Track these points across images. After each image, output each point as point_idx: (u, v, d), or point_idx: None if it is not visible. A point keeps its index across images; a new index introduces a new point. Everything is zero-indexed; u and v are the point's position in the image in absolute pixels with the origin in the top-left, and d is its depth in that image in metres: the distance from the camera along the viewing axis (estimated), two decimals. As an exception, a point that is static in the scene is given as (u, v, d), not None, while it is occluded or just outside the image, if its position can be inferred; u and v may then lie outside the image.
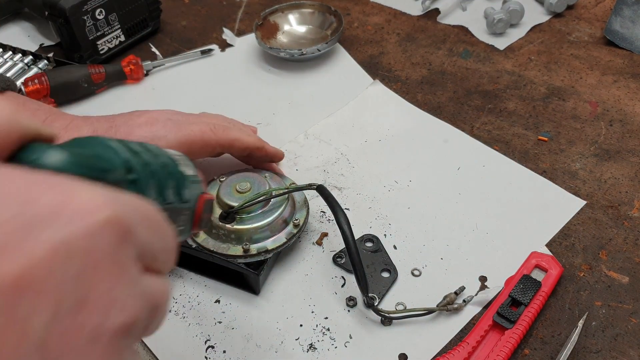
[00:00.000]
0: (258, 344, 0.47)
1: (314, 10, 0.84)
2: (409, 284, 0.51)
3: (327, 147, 0.66)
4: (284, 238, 0.50)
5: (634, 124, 0.67)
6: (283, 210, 0.51)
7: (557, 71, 0.76)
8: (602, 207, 0.57)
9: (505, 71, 0.76)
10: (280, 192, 0.51)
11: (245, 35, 0.85)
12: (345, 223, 0.48)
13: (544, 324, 0.48)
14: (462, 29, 0.84)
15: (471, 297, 0.49)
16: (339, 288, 0.51)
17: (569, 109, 0.69)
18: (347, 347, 0.47)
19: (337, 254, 0.54)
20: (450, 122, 0.68)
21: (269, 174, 0.54)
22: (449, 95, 0.73)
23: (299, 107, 0.72)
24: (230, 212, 0.50)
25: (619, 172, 0.61)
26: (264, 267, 0.49)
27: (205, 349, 0.47)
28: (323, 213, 0.58)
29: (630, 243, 0.54)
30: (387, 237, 0.55)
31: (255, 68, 0.79)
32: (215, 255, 0.49)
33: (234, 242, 0.49)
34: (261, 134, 0.68)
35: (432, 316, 0.48)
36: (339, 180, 0.61)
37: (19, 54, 0.78)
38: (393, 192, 0.60)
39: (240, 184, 0.52)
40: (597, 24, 0.84)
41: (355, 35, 0.84)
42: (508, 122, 0.68)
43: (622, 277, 0.51)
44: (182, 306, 0.50)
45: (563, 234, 0.55)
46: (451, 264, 0.53)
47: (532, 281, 0.48)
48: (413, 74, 0.76)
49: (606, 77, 0.74)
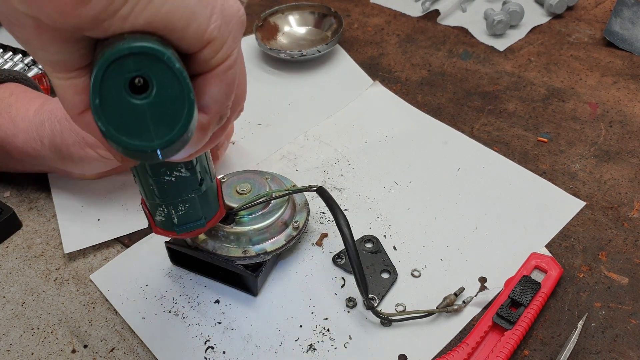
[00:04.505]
0: (258, 345, 0.47)
1: (314, 12, 0.84)
2: (408, 285, 0.51)
3: (327, 148, 0.66)
4: (283, 240, 0.50)
5: (634, 125, 0.67)
6: (283, 212, 0.51)
7: (557, 72, 0.76)
8: (602, 208, 0.57)
9: (505, 72, 0.76)
10: (281, 193, 0.51)
11: (245, 36, 0.85)
12: (345, 225, 0.48)
13: (544, 325, 0.48)
14: (462, 30, 0.85)
15: (471, 298, 0.49)
16: (339, 289, 0.51)
17: (568, 110, 0.69)
18: (347, 348, 0.47)
19: (336, 255, 0.54)
20: (450, 123, 0.68)
21: (269, 175, 0.54)
22: (448, 96, 0.73)
23: (298, 108, 0.72)
24: (230, 213, 0.50)
25: (619, 173, 0.61)
26: (263, 269, 0.49)
27: (205, 349, 0.47)
28: (323, 214, 0.58)
29: (630, 244, 0.54)
30: (386, 238, 0.55)
31: (255, 69, 0.79)
32: (214, 256, 0.49)
33: (234, 243, 0.49)
34: (261, 134, 0.68)
35: (431, 317, 0.48)
36: (338, 181, 0.61)
37: (19, 54, 0.78)
38: (393, 193, 0.60)
39: (241, 185, 0.52)
40: (596, 25, 0.84)
41: (355, 37, 0.84)
42: (508, 123, 0.68)
43: (622, 278, 0.51)
44: (181, 307, 0.50)
45: (563, 235, 0.55)
46: (451, 264, 0.53)
47: (532, 282, 0.48)
48: (413, 75, 0.76)
49: (606, 78, 0.74)
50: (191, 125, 0.26)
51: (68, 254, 0.55)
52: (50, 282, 0.53)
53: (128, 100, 0.25)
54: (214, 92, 0.29)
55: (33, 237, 0.58)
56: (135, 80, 0.25)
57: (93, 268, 0.54)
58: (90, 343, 0.48)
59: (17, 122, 0.56)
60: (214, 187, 0.44)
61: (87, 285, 0.53)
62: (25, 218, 0.59)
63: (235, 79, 0.30)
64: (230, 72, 0.29)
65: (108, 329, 0.49)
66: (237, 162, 0.63)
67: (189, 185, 0.40)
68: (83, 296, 0.52)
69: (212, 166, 0.43)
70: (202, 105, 0.29)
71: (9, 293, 0.53)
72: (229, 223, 0.50)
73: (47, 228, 0.58)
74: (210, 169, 0.43)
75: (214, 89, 0.29)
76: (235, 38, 0.28)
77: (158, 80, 0.25)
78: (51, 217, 0.59)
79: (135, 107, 0.25)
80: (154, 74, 0.25)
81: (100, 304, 0.51)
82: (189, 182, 0.40)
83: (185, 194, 0.41)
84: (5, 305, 0.52)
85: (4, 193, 0.62)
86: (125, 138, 0.25)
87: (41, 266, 0.55)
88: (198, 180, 0.41)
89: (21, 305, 0.52)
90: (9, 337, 0.49)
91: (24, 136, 0.56)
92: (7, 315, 0.51)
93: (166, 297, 0.51)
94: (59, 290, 0.53)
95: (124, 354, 0.47)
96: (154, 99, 0.25)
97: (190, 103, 0.26)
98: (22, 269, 0.55)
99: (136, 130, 0.25)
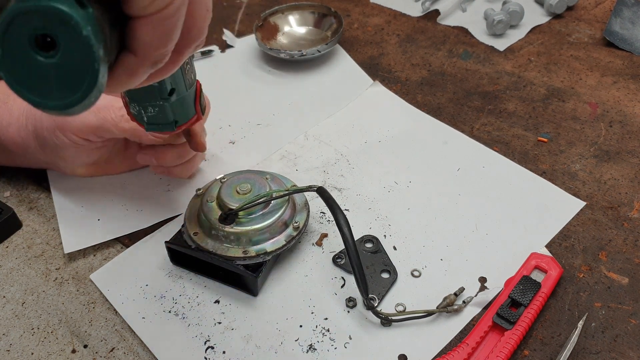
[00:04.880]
0: (258, 345, 0.47)
1: (314, 12, 0.84)
2: (408, 285, 0.51)
3: (327, 148, 0.66)
4: (283, 240, 0.50)
5: (634, 125, 0.67)
6: (283, 213, 0.51)
7: (557, 72, 0.76)
8: (602, 208, 0.57)
9: (505, 72, 0.76)
10: (281, 193, 0.51)
11: (245, 36, 0.85)
12: (345, 225, 0.48)
13: (544, 325, 0.48)
14: (462, 30, 0.85)
15: (471, 298, 0.49)
16: (339, 289, 0.51)
17: (568, 110, 0.69)
18: (347, 348, 0.47)
19: (336, 255, 0.54)
20: (450, 123, 0.68)
21: (270, 175, 0.54)
22: (448, 96, 0.73)
23: (298, 108, 0.72)
24: (230, 213, 0.50)
25: (619, 173, 0.61)
26: (263, 269, 0.49)
27: (205, 349, 0.47)
28: (323, 214, 0.58)
29: (630, 244, 0.54)
30: (386, 237, 0.55)
31: (255, 69, 0.79)
32: (215, 256, 0.49)
33: (233, 243, 0.49)
34: (261, 134, 0.68)
35: (431, 317, 0.48)
36: (338, 181, 0.61)
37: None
38: (393, 193, 0.60)
39: (241, 185, 0.52)
40: (596, 25, 0.84)
41: (355, 37, 0.84)
42: (508, 123, 0.68)
43: (622, 278, 0.51)
44: (181, 307, 0.50)
45: (563, 235, 0.55)
46: (451, 264, 0.53)
47: (532, 282, 0.48)
48: (413, 75, 0.76)
49: (606, 78, 0.74)
50: (93, 93, 0.25)
51: (68, 254, 0.55)
52: (50, 282, 0.53)
53: (32, 56, 0.24)
54: (145, 38, 0.28)
55: (33, 237, 0.58)
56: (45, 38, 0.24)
57: (93, 268, 0.54)
58: (90, 343, 0.48)
59: (13, 111, 0.56)
60: (189, 95, 0.44)
61: (87, 285, 0.53)
62: (25, 218, 0.59)
63: (174, 29, 0.29)
64: (167, 22, 0.28)
65: (108, 329, 0.49)
66: (237, 162, 0.63)
67: (157, 93, 0.41)
68: (83, 296, 0.52)
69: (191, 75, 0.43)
70: (131, 47, 0.28)
71: (9, 293, 0.53)
72: (229, 223, 0.50)
73: (47, 228, 0.58)
74: (186, 79, 0.42)
75: (145, 35, 0.28)
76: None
77: (65, 42, 0.24)
78: (51, 217, 0.59)
79: (39, 64, 0.24)
80: (61, 35, 0.24)
81: (100, 304, 0.51)
82: (156, 90, 0.41)
83: (153, 100, 0.41)
84: (5, 305, 0.52)
85: (4, 193, 0.62)
86: (25, 92, 0.25)
87: (41, 266, 0.55)
88: (167, 90, 0.41)
89: (21, 305, 0.52)
90: (9, 337, 0.49)
91: (16, 124, 0.56)
92: (7, 315, 0.51)
93: (166, 297, 0.51)
94: (59, 290, 0.53)
95: (124, 354, 0.47)
96: (58, 60, 0.24)
97: (94, 73, 0.25)
98: (22, 269, 0.55)
99: (37, 86, 0.25)
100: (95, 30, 0.24)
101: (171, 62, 0.32)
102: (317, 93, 0.74)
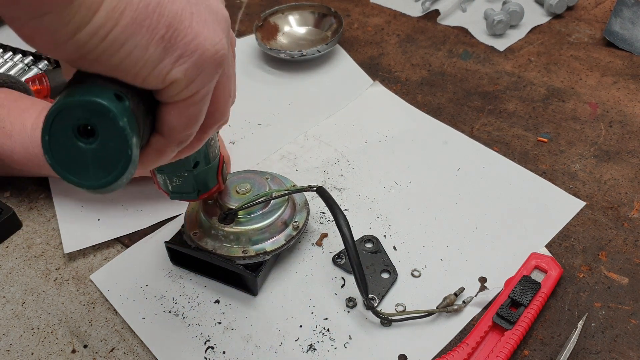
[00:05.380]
0: (258, 345, 0.47)
1: (314, 12, 0.84)
2: (408, 285, 0.51)
3: (327, 148, 0.66)
4: (283, 240, 0.50)
5: (634, 125, 0.67)
6: (283, 212, 0.51)
7: (557, 72, 0.76)
8: (602, 208, 0.57)
9: (505, 72, 0.76)
10: (280, 193, 0.51)
11: (245, 36, 0.85)
12: (344, 225, 0.48)
13: (544, 325, 0.48)
14: (462, 30, 0.85)
15: (471, 298, 0.49)
16: (339, 289, 0.51)
17: (568, 110, 0.69)
18: (347, 348, 0.47)
19: (336, 255, 0.54)
20: (450, 123, 0.68)
21: (269, 175, 0.54)
22: (448, 96, 0.73)
23: (299, 108, 0.72)
24: (230, 213, 0.50)
25: (619, 173, 0.61)
26: (262, 269, 0.49)
27: (205, 349, 0.47)
28: (323, 214, 0.58)
29: (630, 244, 0.54)
30: (386, 238, 0.55)
31: (255, 69, 0.79)
32: (214, 256, 0.49)
33: (233, 243, 0.49)
34: (261, 134, 0.68)
35: (431, 317, 0.48)
36: (338, 181, 0.61)
37: (19, 55, 0.78)
38: (393, 193, 0.60)
39: (241, 185, 0.52)
40: (596, 25, 0.84)
41: (355, 37, 0.84)
42: (508, 123, 0.68)
43: (622, 278, 0.51)
44: (181, 307, 0.50)
45: (563, 235, 0.55)
46: (451, 264, 0.53)
47: (532, 282, 0.48)
48: (413, 75, 0.76)
49: (606, 78, 0.74)
50: (125, 175, 0.28)
51: (68, 254, 0.55)
52: (50, 282, 0.53)
53: (74, 142, 0.27)
54: (172, 122, 0.31)
55: (33, 237, 0.58)
56: (86, 127, 0.27)
57: (93, 268, 0.54)
58: (90, 343, 0.48)
59: (14, 136, 0.55)
60: (212, 167, 0.47)
61: (87, 285, 0.53)
62: (25, 218, 0.59)
63: (198, 114, 0.32)
64: (193, 108, 0.31)
65: (108, 329, 0.49)
66: (237, 162, 0.63)
67: (182, 165, 0.44)
68: (83, 296, 0.52)
69: (215, 149, 0.47)
70: (160, 129, 0.31)
71: (9, 293, 0.53)
72: (229, 223, 0.50)
73: (47, 228, 0.58)
74: (209, 153, 0.46)
75: (173, 120, 0.31)
76: (206, 77, 0.30)
77: (103, 131, 0.27)
78: (51, 217, 0.59)
79: (79, 149, 0.27)
80: (100, 125, 0.27)
81: (100, 304, 0.51)
82: (181, 163, 0.44)
83: (179, 171, 0.45)
84: (5, 305, 0.52)
85: (4, 193, 0.62)
86: (66, 173, 0.28)
87: (41, 266, 0.55)
88: (192, 163, 0.45)
89: (21, 305, 0.52)
90: (9, 337, 0.49)
91: (24, 154, 0.55)
92: (7, 315, 0.51)
93: (166, 297, 0.51)
94: (59, 290, 0.53)
95: (124, 354, 0.47)
96: (97, 146, 0.27)
97: (127, 158, 0.27)
98: (22, 269, 0.55)
99: (76, 169, 0.28)
100: (130, 120, 0.27)
101: (196, 140, 0.35)
102: (317, 93, 0.74)
